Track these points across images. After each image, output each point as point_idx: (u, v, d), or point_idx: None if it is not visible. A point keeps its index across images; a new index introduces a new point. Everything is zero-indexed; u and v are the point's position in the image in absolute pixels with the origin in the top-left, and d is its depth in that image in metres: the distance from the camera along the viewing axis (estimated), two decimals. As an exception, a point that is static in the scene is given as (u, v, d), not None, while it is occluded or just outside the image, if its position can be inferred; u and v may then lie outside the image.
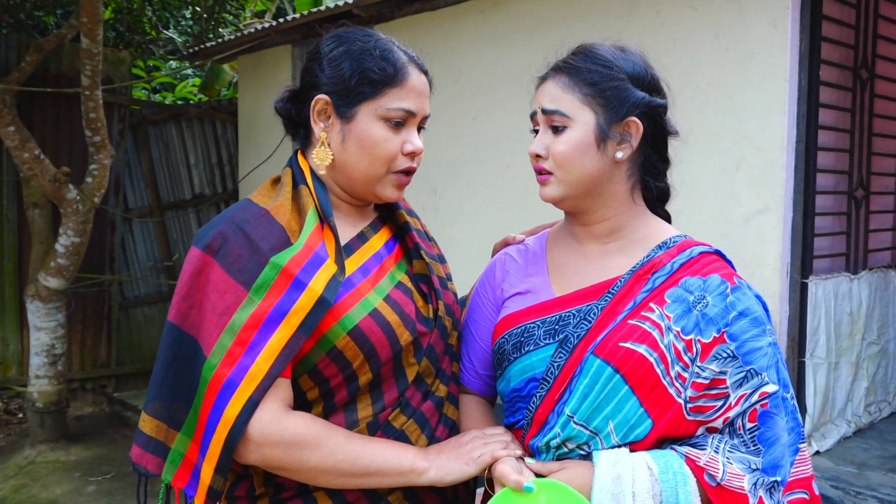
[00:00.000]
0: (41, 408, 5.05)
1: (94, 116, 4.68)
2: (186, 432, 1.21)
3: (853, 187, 3.65)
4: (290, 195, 1.31)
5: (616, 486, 1.16)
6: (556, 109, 1.28)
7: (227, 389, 1.16)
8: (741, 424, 1.22)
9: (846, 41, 3.50)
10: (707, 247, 1.33)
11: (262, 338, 1.18)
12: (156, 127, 6.45)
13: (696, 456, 1.19)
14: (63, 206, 4.83)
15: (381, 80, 1.30)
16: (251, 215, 1.26)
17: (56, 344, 5.09)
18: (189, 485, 1.20)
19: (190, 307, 1.22)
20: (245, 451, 1.18)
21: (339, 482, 1.23)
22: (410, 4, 4.70)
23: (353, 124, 1.31)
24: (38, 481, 4.61)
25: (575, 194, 1.31)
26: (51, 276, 4.93)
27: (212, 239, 1.24)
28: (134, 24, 6.89)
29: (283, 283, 1.20)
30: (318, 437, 1.20)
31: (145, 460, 1.22)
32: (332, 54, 1.32)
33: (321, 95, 1.32)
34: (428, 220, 5.72)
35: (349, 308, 1.25)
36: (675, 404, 1.20)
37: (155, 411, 1.23)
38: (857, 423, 3.69)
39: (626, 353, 1.20)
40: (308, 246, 1.23)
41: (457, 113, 4.53)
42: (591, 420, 1.22)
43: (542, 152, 1.30)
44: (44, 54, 5.08)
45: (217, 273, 1.21)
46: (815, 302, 3.33)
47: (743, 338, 1.22)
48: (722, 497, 1.17)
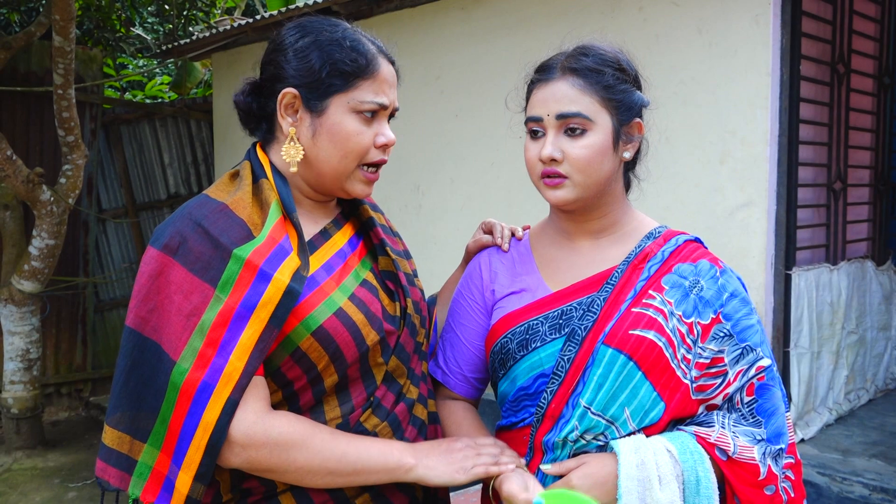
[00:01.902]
0: (16, 414, 4.96)
1: (68, 116, 4.59)
2: (154, 443, 1.14)
3: (832, 180, 3.73)
4: (250, 189, 1.26)
5: (641, 471, 1.19)
6: (578, 112, 1.27)
7: (202, 393, 1.11)
8: (739, 399, 1.28)
9: (824, 37, 3.57)
10: (688, 235, 1.38)
11: (233, 335, 1.13)
12: (129, 126, 6.35)
13: (705, 433, 1.24)
14: (37, 207, 4.73)
15: (352, 71, 1.25)
16: (209, 211, 1.21)
17: (31, 348, 4.99)
18: (160, 498, 1.14)
19: (150, 311, 1.16)
20: (229, 455, 1.13)
21: (325, 481, 1.19)
22: (390, 1, 4.68)
23: (324, 118, 1.26)
24: (16, 489, 4.51)
25: (588, 196, 1.32)
26: (24, 280, 4.83)
27: (169, 238, 1.18)
28: (103, 21, 6.76)
29: (248, 277, 1.15)
30: (303, 435, 1.16)
31: (108, 474, 1.17)
32: (298, 45, 1.27)
33: (288, 89, 1.26)
34: (411, 217, 5.71)
35: (313, 308, 1.20)
36: (682, 385, 1.25)
37: (117, 422, 1.16)
38: (838, 410, 3.77)
39: (637, 340, 1.24)
40: (272, 238, 1.19)
41: (439, 110, 4.52)
42: (608, 409, 1.24)
43: (559, 156, 1.28)
44: (12, 52, 4.97)
45: (179, 273, 1.16)
46: (797, 293, 3.39)
47: (736, 317, 1.28)
48: (734, 470, 1.22)
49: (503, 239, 1.47)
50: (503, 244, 1.46)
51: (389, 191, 4.90)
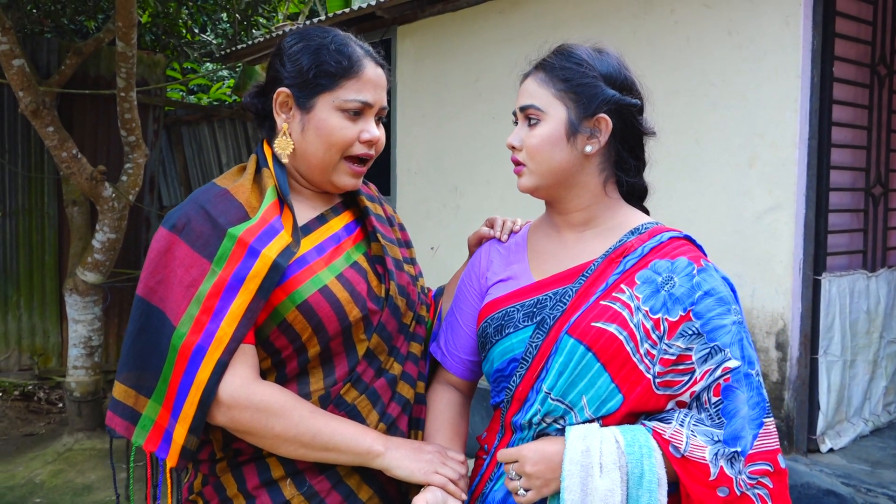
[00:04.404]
0: (79, 397, 5.24)
1: (129, 117, 4.86)
2: (157, 399, 1.28)
3: (871, 184, 3.63)
4: (251, 177, 1.41)
5: (585, 457, 1.23)
6: (531, 104, 1.36)
7: (197, 355, 1.25)
8: (707, 398, 1.28)
9: (864, 38, 3.48)
10: (677, 232, 1.39)
11: (225, 304, 1.26)
12: (189, 127, 6.64)
13: (662, 429, 1.25)
14: (99, 203, 5.01)
15: (337, 72, 1.38)
16: (213, 195, 1.36)
17: (93, 336, 5.28)
18: (160, 448, 1.28)
19: (158, 282, 1.31)
20: (216, 413, 1.27)
21: (299, 453, 1.31)
22: (433, 5, 4.79)
23: (311, 115, 1.39)
24: (74, 467, 4.81)
25: (546, 185, 1.38)
26: (88, 271, 5.12)
27: (177, 219, 1.33)
28: (170, 27, 7.10)
29: (240, 252, 1.28)
30: (283, 406, 1.29)
31: (115, 423, 1.31)
32: (292, 50, 1.41)
33: (282, 88, 1.40)
34: (449, 217, 5.78)
35: (300, 284, 1.33)
36: (644, 380, 1.27)
37: (125, 379, 1.31)
38: (875, 422, 3.66)
39: (598, 332, 1.27)
40: (263, 218, 1.33)
41: (477, 112, 4.60)
42: (567, 395, 1.29)
43: (517, 144, 1.39)
44: (83, 58, 5.29)
45: (182, 249, 1.30)
46: (828, 299, 3.32)
47: (708, 316, 1.29)
48: (685, 467, 1.23)
49: (502, 230, 1.55)
50: (501, 235, 1.54)
51: (429, 192, 5.00)
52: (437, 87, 4.90)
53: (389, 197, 5.25)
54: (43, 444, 5.14)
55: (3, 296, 5.96)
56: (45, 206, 5.90)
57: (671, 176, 3.53)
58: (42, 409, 5.92)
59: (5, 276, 5.93)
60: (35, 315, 6.04)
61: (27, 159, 5.86)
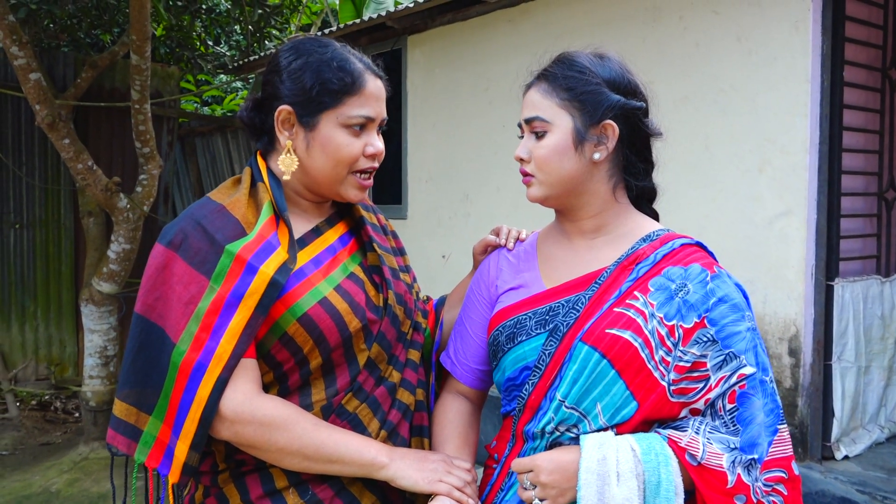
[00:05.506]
0: (94, 406, 5.27)
1: (144, 129, 4.92)
2: (158, 416, 1.28)
3: (883, 189, 3.60)
4: (247, 192, 1.40)
5: (601, 466, 1.22)
6: (536, 116, 1.36)
7: (197, 372, 1.25)
8: (722, 406, 1.27)
9: (874, 42, 3.47)
10: (689, 239, 1.39)
11: (224, 321, 1.27)
12: (203, 138, 6.71)
13: (678, 437, 1.24)
14: (115, 214, 5.07)
15: (340, 89, 1.38)
16: (209, 211, 1.36)
17: (108, 346, 5.33)
18: (162, 464, 1.28)
19: (156, 299, 1.30)
20: (220, 428, 1.27)
21: (303, 465, 1.31)
22: (443, 15, 4.82)
23: (316, 132, 1.39)
24: (90, 476, 4.84)
25: (556, 194, 1.38)
26: (103, 281, 5.17)
27: (174, 235, 1.33)
28: (184, 40, 7.18)
29: (238, 269, 1.29)
30: (286, 420, 1.29)
31: (116, 441, 1.30)
32: (292, 67, 1.40)
33: (284, 106, 1.39)
34: (460, 225, 5.79)
35: (300, 297, 1.33)
36: (659, 387, 1.26)
37: (125, 396, 1.30)
38: (891, 428, 3.62)
39: (612, 339, 1.26)
40: (260, 235, 1.33)
41: (487, 120, 4.62)
42: (581, 403, 1.28)
43: (526, 156, 1.39)
44: (99, 71, 5.36)
45: (180, 266, 1.30)
46: (841, 305, 3.30)
47: (722, 322, 1.28)
48: (702, 475, 1.22)
49: (508, 238, 1.55)
50: (507, 243, 1.54)
51: (440, 200, 5.02)
52: (447, 96, 4.92)
53: (401, 205, 5.27)
54: (59, 454, 5.18)
55: (20, 306, 6.04)
56: (61, 218, 5.97)
57: (682, 182, 3.52)
58: (58, 418, 5.97)
59: (22, 286, 6.00)
60: (52, 325, 6.11)
61: (44, 171, 5.94)
